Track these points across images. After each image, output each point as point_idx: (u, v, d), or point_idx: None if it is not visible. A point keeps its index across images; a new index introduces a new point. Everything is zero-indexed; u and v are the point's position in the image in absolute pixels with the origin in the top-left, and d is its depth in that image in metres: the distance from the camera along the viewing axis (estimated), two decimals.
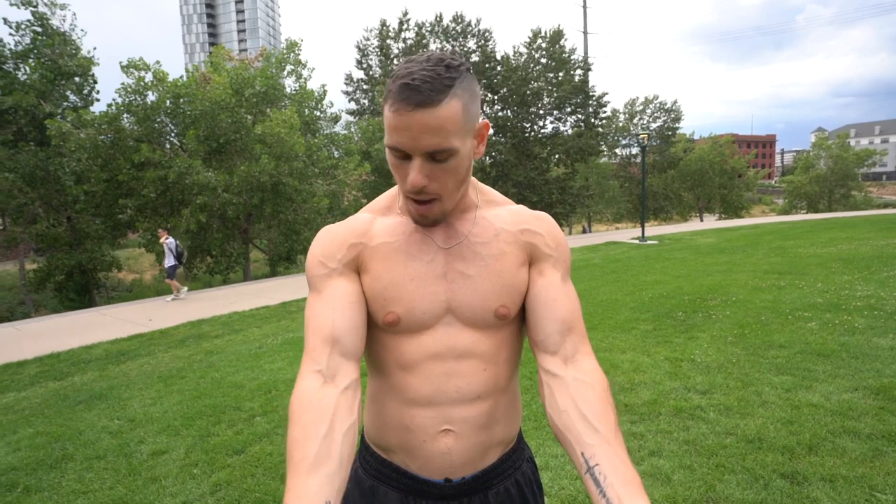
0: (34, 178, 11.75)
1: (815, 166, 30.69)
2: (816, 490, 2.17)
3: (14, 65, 12.36)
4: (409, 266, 0.80)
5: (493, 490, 0.84)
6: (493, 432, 0.83)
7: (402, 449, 0.82)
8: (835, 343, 3.98)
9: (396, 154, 0.73)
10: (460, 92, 0.70)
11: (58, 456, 2.86)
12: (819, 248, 9.74)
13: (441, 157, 0.71)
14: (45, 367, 4.86)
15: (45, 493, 2.49)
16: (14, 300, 15.31)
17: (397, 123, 0.69)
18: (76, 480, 2.59)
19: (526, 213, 0.88)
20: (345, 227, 0.85)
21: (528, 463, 0.92)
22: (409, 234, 0.82)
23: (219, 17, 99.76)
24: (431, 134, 0.69)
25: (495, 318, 0.80)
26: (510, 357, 0.84)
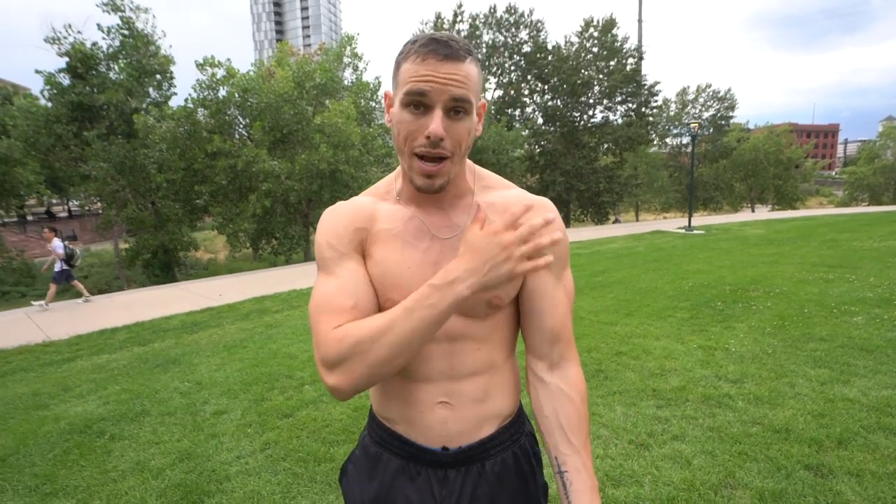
0: (124, 167, 13.00)
1: (881, 156, 28.73)
2: (841, 483, 2.13)
3: (106, 65, 13.64)
4: (405, 253, 0.82)
5: (490, 461, 0.88)
6: (487, 405, 0.87)
7: (404, 419, 0.87)
8: (881, 338, 3.75)
9: (416, 105, 0.74)
10: (475, 61, 0.77)
11: (137, 410, 3.31)
12: (876, 242, 8.99)
13: (460, 110, 0.75)
14: (132, 334, 5.50)
15: (125, 441, 2.90)
16: (111, 275, 17.11)
17: (425, 72, 0.73)
18: (151, 432, 2.99)
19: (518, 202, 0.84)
20: (349, 208, 0.87)
21: (526, 437, 0.95)
22: (407, 220, 0.85)
23: (285, 14, 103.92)
24: (456, 84, 0.73)
25: (487, 307, 0.83)
26: (505, 337, 0.88)
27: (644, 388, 3.16)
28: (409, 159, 0.78)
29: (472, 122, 0.78)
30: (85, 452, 2.78)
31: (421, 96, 0.74)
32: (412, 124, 0.75)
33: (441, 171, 0.77)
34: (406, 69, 0.75)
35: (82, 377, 4.11)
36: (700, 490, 2.14)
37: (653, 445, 2.52)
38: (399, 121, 0.77)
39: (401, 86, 0.76)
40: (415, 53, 0.74)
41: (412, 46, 0.76)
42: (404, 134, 0.77)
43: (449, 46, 0.74)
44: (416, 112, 0.75)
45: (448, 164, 0.77)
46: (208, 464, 2.59)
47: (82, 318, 6.47)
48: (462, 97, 0.74)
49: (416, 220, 0.85)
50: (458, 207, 0.86)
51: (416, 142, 0.76)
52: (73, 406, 3.47)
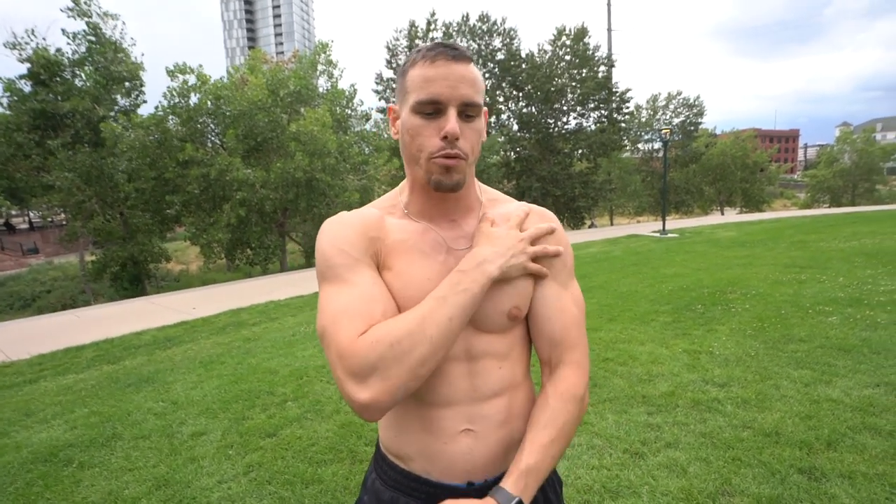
0: (90, 177, 12.54)
1: (839, 160, 30.32)
2: (835, 486, 2.14)
3: (72, 72, 13.17)
4: (425, 265, 0.80)
5: None
6: (512, 428, 0.83)
7: (422, 454, 0.82)
8: (856, 338, 3.85)
9: (429, 109, 0.74)
10: (476, 68, 0.77)
11: (108, 434, 3.12)
12: (842, 243, 9.36)
13: (472, 112, 0.75)
14: (101, 352, 5.25)
15: (96, 469, 2.73)
16: (76, 289, 16.44)
17: (435, 74, 0.73)
18: (124, 458, 2.82)
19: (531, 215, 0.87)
20: (359, 217, 0.83)
21: None
22: (421, 232, 0.82)
23: (257, 22, 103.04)
24: (467, 84, 0.74)
25: (507, 319, 0.81)
26: (522, 353, 0.87)
27: (634, 395, 3.16)
28: (427, 163, 0.76)
29: (481, 125, 0.78)
30: (51, 483, 2.60)
31: (435, 103, 0.73)
32: (426, 128, 0.75)
33: (458, 165, 0.76)
34: (415, 75, 0.75)
35: (46, 400, 3.88)
36: (698, 499, 2.12)
37: (647, 454, 2.49)
38: (411, 127, 0.76)
39: (411, 92, 0.75)
40: (423, 58, 0.74)
41: (417, 54, 0.76)
42: (418, 140, 0.76)
43: (456, 48, 0.75)
44: (429, 116, 0.74)
45: (463, 164, 0.76)
46: (188, 490, 2.45)
47: (45, 336, 6.15)
48: (474, 101, 0.75)
49: (431, 232, 0.83)
50: (469, 219, 0.85)
51: (433, 146, 0.75)
52: (37, 432, 3.26)
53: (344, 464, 2.61)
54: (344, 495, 2.35)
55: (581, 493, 2.23)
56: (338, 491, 2.38)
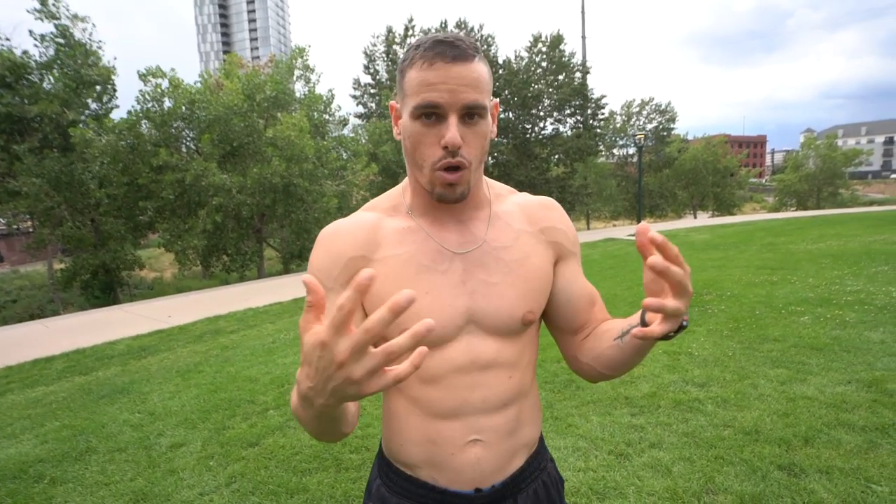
0: (59, 183, 12.13)
1: (805, 165, 31.45)
2: (813, 482, 2.20)
3: (39, 75, 12.75)
4: (422, 278, 0.75)
5: (523, 494, 0.83)
6: (519, 437, 0.82)
7: (429, 464, 0.80)
8: (827, 337, 3.99)
9: (428, 115, 0.69)
10: (483, 60, 0.72)
11: (82, 448, 3.01)
12: (809, 245, 9.68)
13: (474, 115, 0.70)
14: (72, 363, 5.06)
15: (69, 484, 2.63)
16: (44, 298, 15.85)
17: (433, 78, 0.68)
18: (99, 472, 2.73)
19: (536, 207, 0.86)
20: (349, 232, 0.79)
21: (550, 462, 0.92)
22: (421, 241, 0.78)
23: (232, 26, 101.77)
24: (469, 87, 0.68)
25: (521, 324, 0.79)
26: (531, 360, 0.84)
27: (617, 397, 3.19)
28: (430, 174, 0.72)
29: (487, 125, 0.73)
30: (20, 501, 2.49)
31: (434, 108, 0.69)
32: (426, 136, 0.70)
33: (461, 179, 0.72)
34: (412, 77, 0.70)
35: (14, 414, 3.72)
36: (683, 498, 2.15)
37: (632, 455, 2.53)
38: (411, 133, 0.72)
39: (409, 96, 0.71)
40: (420, 58, 0.69)
41: (416, 52, 0.70)
42: (420, 148, 0.72)
43: (456, 47, 0.68)
44: (429, 122, 0.70)
45: (466, 173, 0.72)
46: (168, 503, 2.38)
47: (11, 347, 5.91)
48: (476, 103, 0.69)
49: (431, 241, 0.78)
50: (478, 220, 0.81)
51: (435, 156, 0.71)
52: (5, 448, 3.12)
53: (329, 472, 2.57)
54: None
55: (568, 496, 2.24)
56: (323, 500, 2.35)
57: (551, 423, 2.91)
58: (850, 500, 2.06)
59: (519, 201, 0.86)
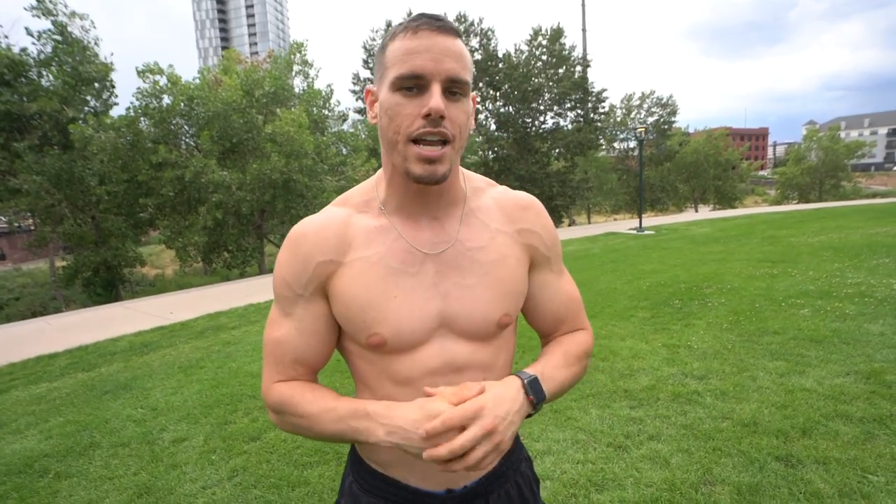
0: (60, 181, 12.15)
1: (806, 158, 31.27)
2: (810, 472, 2.22)
3: (37, 72, 12.73)
4: (391, 281, 0.73)
5: (495, 494, 0.82)
6: None
7: (401, 463, 0.78)
8: (827, 329, 4.00)
9: (409, 84, 0.66)
10: (464, 43, 0.70)
11: (86, 443, 3.04)
12: (810, 237, 9.66)
13: (458, 89, 0.67)
14: (75, 359, 5.09)
15: (74, 479, 2.66)
16: (46, 296, 15.93)
17: (418, 45, 0.65)
18: (103, 467, 2.75)
19: (514, 206, 0.82)
20: (315, 234, 0.76)
21: (525, 462, 0.91)
22: (391, 242, 0.74)
23: (230, 21, 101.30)
24: (453, 58, 0.66)
25: (497, 327, 0.77)
26: (508, 360, 0.82)
27: (616, 390, 3.21)
28: (405, 148, 0.67)
29: (469, 106, 0.70)
30: (26, 495, 2.52)
31: (417, 77, 0.65)
32: (406, 106, 0.66)
33: (443, 155, 0.67)
34: (396, 48, 0.67)
35: (19, 410, 3.75)
36: (681, 489, 2.17)
37: (630, 447, 2.54)
38: (390, 106, 0.67)
39: (390, 68, 0.67)
40: (405, 29, 0.67)
41: (399, 27, 0.68)
42: (397, 120, 0.67)
43: (440, 20, 0.67)
44: (410, 93, 0.66)
45: (449, 150, 0.68)
46: (171, 497, 2.40)
47: (15, 344, 5.94)
48: (460, 77, 0.67)
49: (402, 241, 0.75)
50: (452, 216, 0.77)
51: (413, 126, 0.66)
52: (10, 443, 3.15)
53: (330, 465, 2.59)
54: (331, 497, 2.34)
55: (567, 487, 2.26)
56: (325, 493, 2.37)
57: (550, 416, 2.93)
58: (846, 491, 2.08)
59: (497, 197, 0.82)
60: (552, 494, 2.23)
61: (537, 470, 2.41)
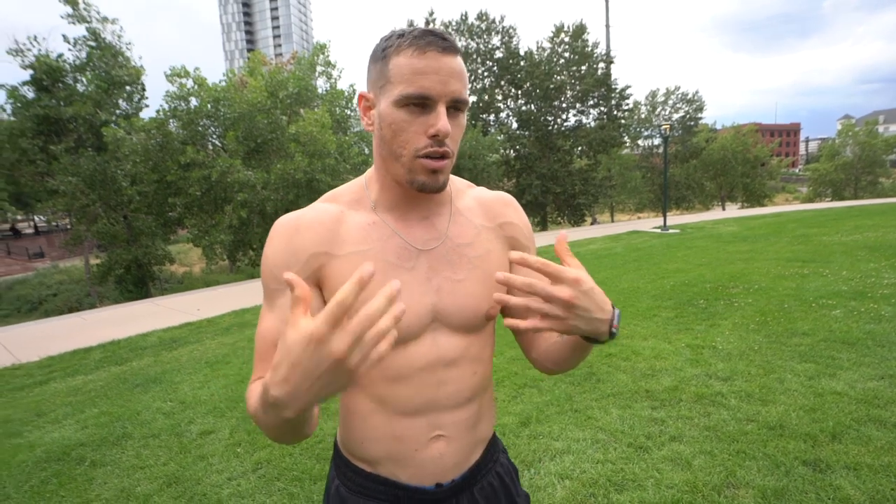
0: (94, 181, 12.61)
1: (841, 154, 30.04)
2: (840, 478, 2.16)
3: (73, 77, 13.24)
4: (389, 275, 0.74)
5: (478, 485, 0.85)
6: (478, 431, 0.84)
7: (391, 460, 0.79)
8: (860, 331, 3.86)
9: (417, 104, 0.68)
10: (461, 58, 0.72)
11: (119, 434, 3.16)
12: (844, 236, 9.30)
13: (460, 107, 0.71)
14: (108, 353, 5.28)
15: (108, 467, 2.77)
16: (81, 292, 16.54)
17: (425, 67, 0.67)
18: (135, 456, 2.86)
19: (494, 203, 0.87)
20: (308, 226, 0.76)
21: (503, 453, 0.94)
22: (386, 238, 0.76)
23: (255, 24, 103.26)
24: (457, 79, 0.69)
25: (485, 319, 0.80)
26: (491, 353, 0.86)
27: (637, 390, 3.17)
28: (411, 162, 0.71)
29: (464, 119, 0.74)
30: (64, 482, 2.64)
31: (425, 98, 0.67)
32: (413, 124, 0.69)
33: (445, 167, 0.72)
34: (402, 64, 0.67)
35: (57, 401, 3.91)
36: (703, 491, 2.14)
37: (651, 448, 2.52)
38: (394, 121, 0.69)
39: (395, 83, 0.68)
40: (410, 46, 0.67)
41: (402, 40, 0.68)
42: (403, 136, 0.69)
43: (445, 38, 0.69)
44: (416, 111, 0.68)
45: (449, 162, 0.72)
46: (198, 487, 2.48)
47: (53, 339, 6.19)
48: (463, 97, 0.70)
49: (397, 237, 0.77)
50: (440, 215, 0.81)
51: (420, 143, 0.69)
52: (49, 432, 3.29)
53: None
54: None
55: (586, 487, 2.25)
56: None
57: (570, 415, 2.92)
58: (878, 498, 2.02)
59: (478, 196, 0.86)
60: (571, 493, 2.22)
61: (556, 469, 2.41)
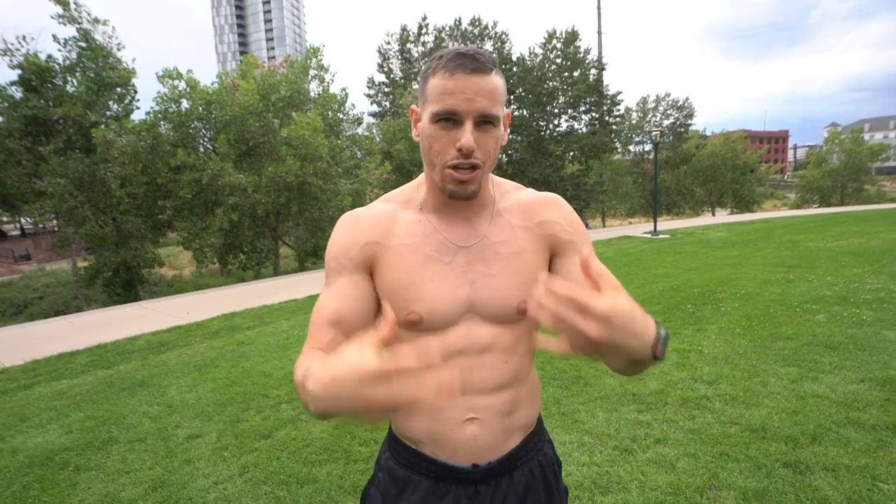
0: (82, 183, 12.47)
1: (828, 161, 30.55)
2: (819, 479, 2.20)
3: (63, 78, 13.12)
4: (428, 267, 0.83)
5: (518, 471, 0.89)
6: (514, 418, 0.88)
7: (431, 439, 0.86)
8: (842, 335, 3.93)
9: (446, 119, 0.76)
10: (499, 73, 0.79)
11: (104, 438, 3.13)
12: (830, 242, 9.49)
13: (488, 123, 0.77)
14: (95, 357, 5.23)
15: (92, 472, 2.74)
16: (68, 295, 16.31)
17: (453, 87, 0.74)
18: (120, 461, 2.84)
19: (535, 203, 0.91)
20: (366, 219, 0.87)
21: (548, 444, 0.98)
22: (428, 234, 0.85)
23: (248, 27, 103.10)
24: (485, 97, 0.75)
25: (517, 313, 0.84)
26: (529, 349, 0.89)
27: (624, 393, 3.21)
28: (441, 171, 0.80)
29: (499, 133, 0.80)
30: (47, 487, 2.61)
31: (452, 114, 0.75)
32: (443, 138, 0.77)
33: (474, 178, 0.79)
34: (434, 85, 0.77)
35: (41, 405, 3.87)
36: (686, 493, 2.17)
37: (637, 450, 2.54)
38: (429, 135, 0.79)
39: (430, 102, 0.78)
40: (443, 68, 0.76)
41: (439, 62, 0.77)
42: (436, 148, 0.79)
43: (476, 60, 0.75)
44: (447, 126, 0.77)
45: (479, 173, 0.79)
46: (184, 491, 2.47)
47: (38, 342, 6.12)
48: (490, 112, 0.76)
49: (438, 234, 0.86)
50: (482, 217, 0.88)
51: (448, 155, 0.78)
52: (32, 437, 3.26)
53: (338, 464, 2.64)
54: (339, 494, 2.38)
55: (572, 489, 2.27)
56: (332, 490, 2.41)
57: (558, 418, 2.94)
58: (855, 498, 2.06)
59: (520, 198, 0.92)
60: None
61: None
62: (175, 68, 12.73)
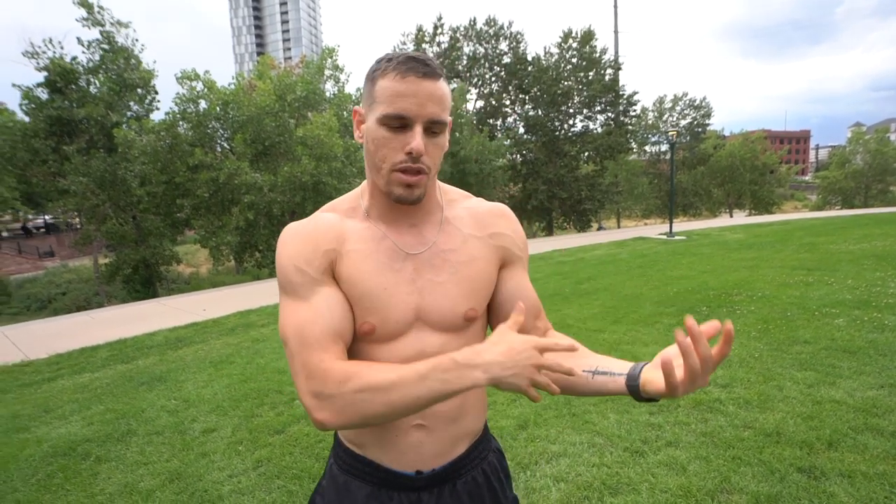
0: (104, 182, 12.79)
1: (852, 161, 29.85)
2: (834, 485, 2.16)
3: (86, 80, 13.46)
4: (381, 275, 0.81)
5: (462, 480, 0.88)
6: (461, 425, 0.88)
7: (376, 444, 0.85)
8: (862, 340, 3.84)
9: (395, 124, 0.74)
10: (446, 81, 0.78)
11: (123, 430, 3.22)
12: (852, 245, 9.21)
13: (437, 128, 0.76)
14: (115, 352, 5.36)
15: (112, 463, 2.82)
16: (90, 291, 16.73)
17: (404, 90, 0.73)
18: (138, 453, 2.91)
19: (486, 214, 0.91)
20: (315, 228, 0.83)
21: (494, 453, 0.97)
22: (378, 240, 0.83)
23: (266, 28, 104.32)
24: (434, 102, 0.74)
25: (464, 320, 0.84)
26: None
27: None
28: (388, 175, 0.77)
29: (445, 140, 0.79)
30: (70, 476, 2.69)
31: (402, 118, 0.74)
32: (392, 140, 0.75)
33: (419, 182, 0.77)
34: (384, 86, 0.75)
35: (64, 397, 3.99)
36: (697, 496, 2.15)
37: (648, 452, 2.53)
38: (375, 137, 0.76)
39: (378, 104, 0.75)
40: (394, 70, 0.74)
41: (388, 64, 0.75)
42: (382, 151, 0.76)
43: (427, 65, 0.74)
44: (395, 129, 0.75)
45: (425, 178, 0.78)
46: (199, 484, 2.53)
47: (62, 337, 6.29)
48: (440, 119, 0.76)
49: (388, 240, 0.83)
50: (429, 223, 0.86)
51: (396, 158, 0.76)
52: (56, 428, 3.36)
53: None
54: None
55: (581, 490, 2.28)
56: None
57: (568, 419, 2.94)
58: None
59: (470, 207, 0.91)
60: (565, 496, 2.24)
61: (551, 472, 2.43)
62: (193, 70, 12.99)
